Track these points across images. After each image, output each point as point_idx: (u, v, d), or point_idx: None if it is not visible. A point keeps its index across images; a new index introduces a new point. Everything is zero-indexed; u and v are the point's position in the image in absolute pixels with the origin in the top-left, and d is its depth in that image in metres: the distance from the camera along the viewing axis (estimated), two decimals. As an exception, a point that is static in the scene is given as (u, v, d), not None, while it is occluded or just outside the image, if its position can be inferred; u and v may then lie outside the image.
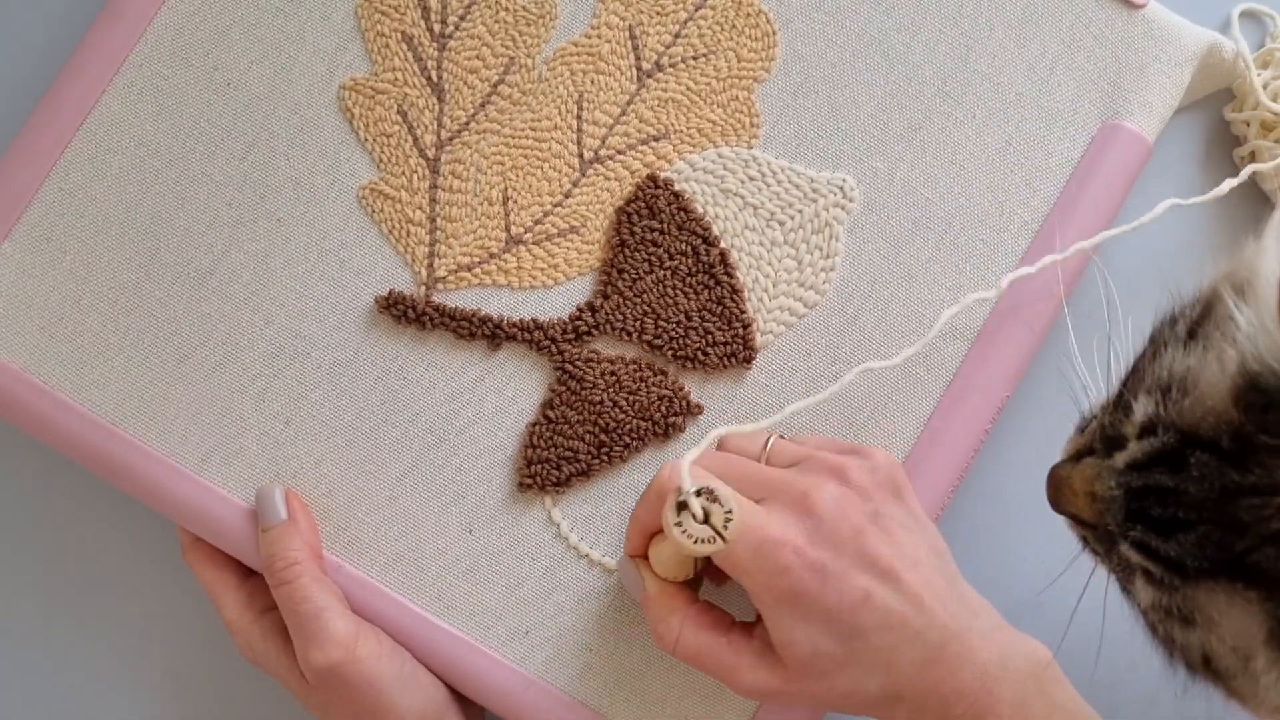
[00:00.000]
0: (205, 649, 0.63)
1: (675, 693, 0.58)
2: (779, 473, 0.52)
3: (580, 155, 0.60)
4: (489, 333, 0.59)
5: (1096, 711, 0.52)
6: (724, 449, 0.56)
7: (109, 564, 0.64)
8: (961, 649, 0.50)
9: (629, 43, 0.61)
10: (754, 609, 0.52)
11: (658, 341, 0.59)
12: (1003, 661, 0.50)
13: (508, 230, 0.60)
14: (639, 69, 0.60)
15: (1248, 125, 0.63)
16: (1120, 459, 0.48)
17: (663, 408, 0.59)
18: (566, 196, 0.60)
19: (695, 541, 0.49)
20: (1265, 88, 0.62)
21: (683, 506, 0.49)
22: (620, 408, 0.59)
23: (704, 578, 0.56)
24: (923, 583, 0.50)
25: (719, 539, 0.49)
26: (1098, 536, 0.50)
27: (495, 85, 0.60)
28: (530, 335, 0.59)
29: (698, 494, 0.49)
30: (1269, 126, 0.62)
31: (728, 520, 0.49)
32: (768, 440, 0.55)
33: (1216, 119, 0.65)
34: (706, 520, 0.49)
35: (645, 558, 0.54)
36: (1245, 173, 0.59)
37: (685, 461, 0.50)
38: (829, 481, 0.51)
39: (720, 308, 0.59)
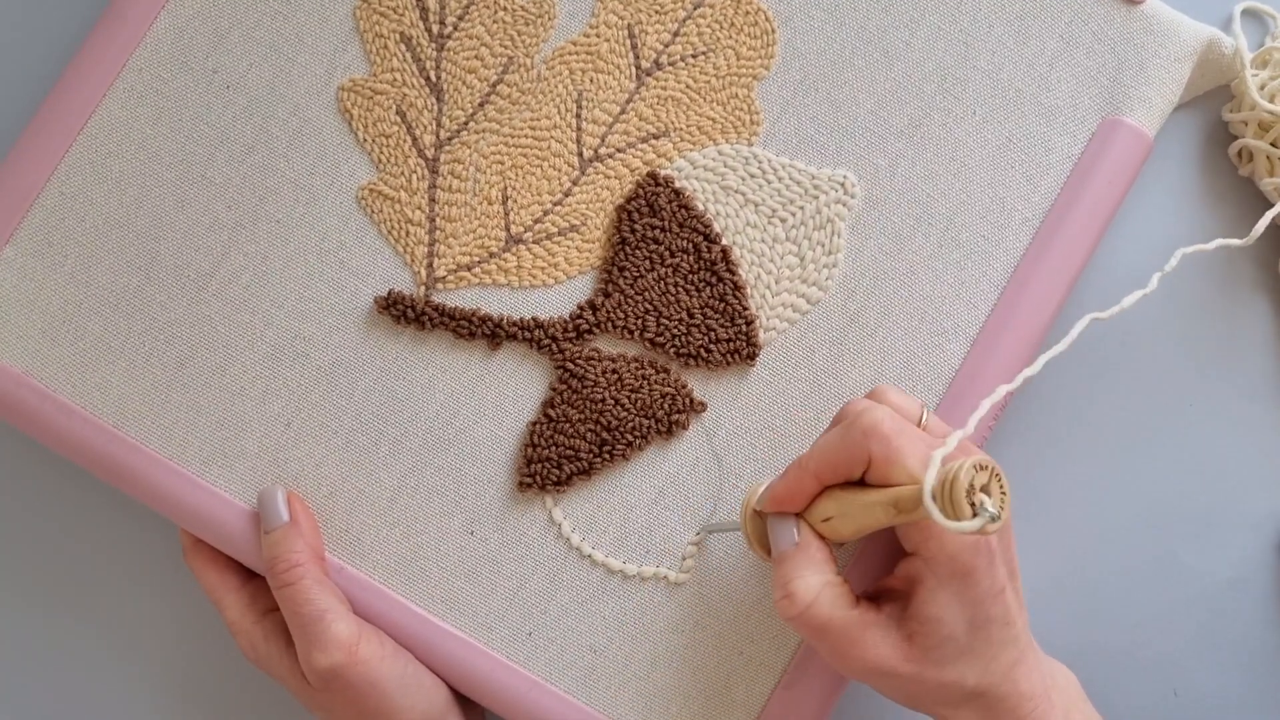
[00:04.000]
0: (207, 651, 0.63)
1: (679, 694, 0.58)
2: (942, 442, 0.50)
3: (580, 154, 0.60)
4: (489, 332, 0.59)
5: None
6: (881, 399, 0.53)
7: (111, 567, 0.64)
8: (1034, 655, 0.52)
9: (628, 41, 0.61)
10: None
11: (660, 339, 0.59)
12: (1053, 673, 0.53)
13: (507, 229, 0.60)
14: (638, 67, 0.60)
15: (1245, 125, 0.63)
16: None
17: (665, 405, 0.58)
18: (566, 195, 0.60)
19: (986, 521, 0.45)
20: (1263, 88, 0.62)
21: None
22: (622, 406, 0.58)
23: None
24: (1020, 588, 0.52)
25: (996, 520, 0.46)
26: None
27: (494, 85, 0.60)
28: (531, 334, 0.59)
29: (981, 467, 0.46)
30: (1265, 126, 0.62)
31: (1003, 499, 0.46)
32: (923, 410, 0.53)
33: (1215, 117, 0.64)
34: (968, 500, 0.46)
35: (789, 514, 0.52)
36: (1263, 222, 0.58)
37: (953, 437, 0.47)
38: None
39: (722, 305, 0.59)
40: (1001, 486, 0.47)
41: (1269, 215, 0.57)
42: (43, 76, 0.65)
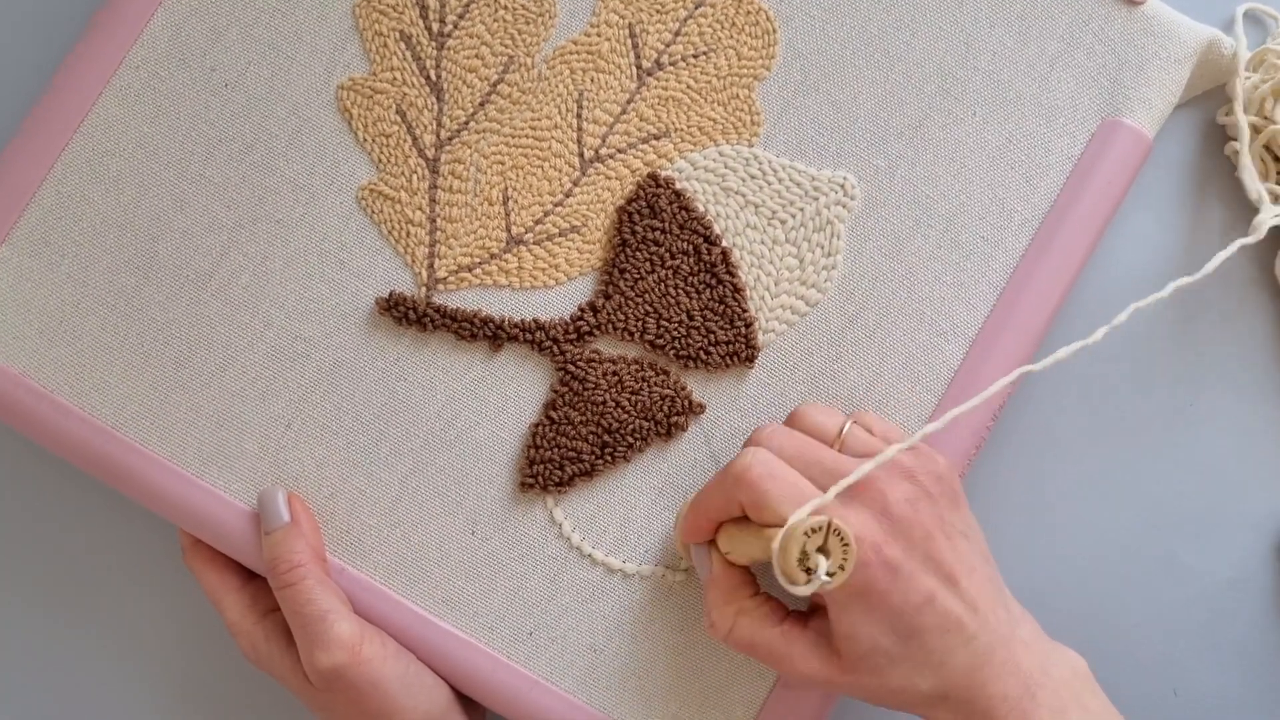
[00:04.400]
0: (207, 651, 0.63)
1: (680, 694, 0.58)
2: (853, 464, 0.52)
3: (581, 154, 0.60)
4: (490, 333, 0.59)
5: None
6: (796, 426, 0.55)
7: (110, 568, 0.64)
8: (1007, 655, 0.51)
9: (629, 41, 0.60)
10: (804, 601, 0.53)
11: (660, 341, 0.59)
12: (1044, 669, 0.51)
13: (508, 230, 0.60)
14: (639, 67, 0.60)
15: (1236, 127, 0.62)
16: None
17: (665, 407, 0.58)
18: (567, 196, 0.60)
19: (802, 574, 0.48)
20: (1255, 90, 0.62)
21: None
22: (623, 407, 0.58)
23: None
24: (977, 589, 0.51)
25: (832, 578, 0.48)
26: None
27: (494, 84, 0.60)
28: (532, 335, 0.59)
29: (813, 531, 0.48)
30: (1258, 129, 0.62)
31: (845, 558, 0.48)
32: (843, 426, 0.55)
33: (1214, 117, 0.64)
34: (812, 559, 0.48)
35: (710, 542, 0.54)
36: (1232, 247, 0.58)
37: (804, 510, 0.49)
38: (902, 482, 0.51)
39: (722, 307, 0.59)
40: (843, 541, 0.48)
41: (1222, 255, 0.57)
42: (39, 74, 0.64)
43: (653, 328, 0.59)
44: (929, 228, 0.59)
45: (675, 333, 0.59)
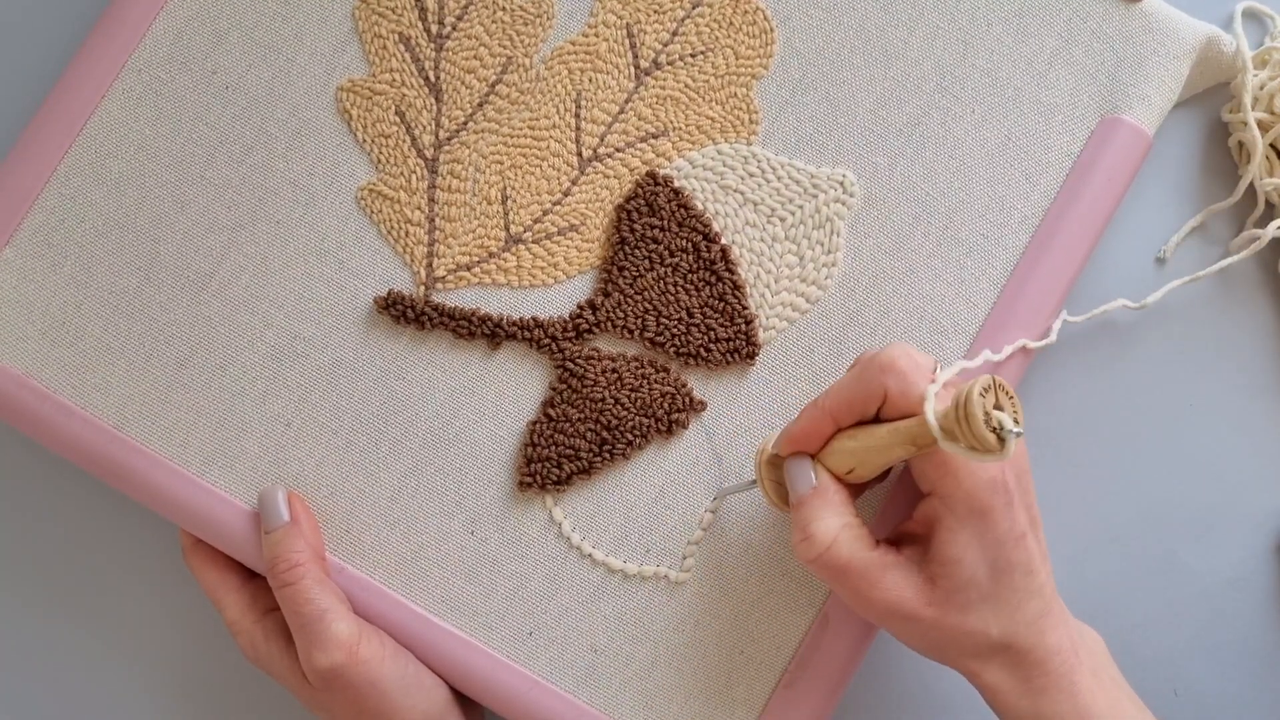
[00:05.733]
0: (207, 651, 0.63)
1: (680, 693, 0.58)
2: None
3: (579, 153, 0.60)
4: (489, 332, 0.59)
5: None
6: (890, 364, 0.52)
7: (111, 567, 0.64)
8: (1060, 611, 0.52)
9: (626, 41, 0.61)
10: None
11: (659, 339, 0.59)
12: (1081, 630, 0.53)
13: (507, 229, 0.60)
14: (637, 67, 0.60)
15: (1245, 125, 0.62)
16: None
17: (666, 404, 0.58)
18: (565, 195, 0.60)
19: (992, 437, 0.45)
20: (1262, 88, 0.62)
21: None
22: (622, 405, 0.58)
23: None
24: (1043, 542, 0.52)
25: (1010, 440, 0.45)
26: None
27: (493, 85, 0.60)
28: (530, 334, 0.59)
29: (985, 390, 0.46)
30: (1265, 126, 0.62)
31: (1017, 412, 0.46)
32: (936, 366, 0.53)
33: (1215, 115, 0.64)
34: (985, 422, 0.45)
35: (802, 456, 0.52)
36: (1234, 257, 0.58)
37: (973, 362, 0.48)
38: None
39: (722, 304, 0.59)
40: (1013, 401, 0.46)
41: (1163, 290, 0.57)
42: (42, 77, 0.65)
43: (652, 325, 0.59)
44: (929, 225, 0.59)
45: (675, 330, 0.59)
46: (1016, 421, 0.46)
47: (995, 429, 0.45)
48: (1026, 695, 0.51)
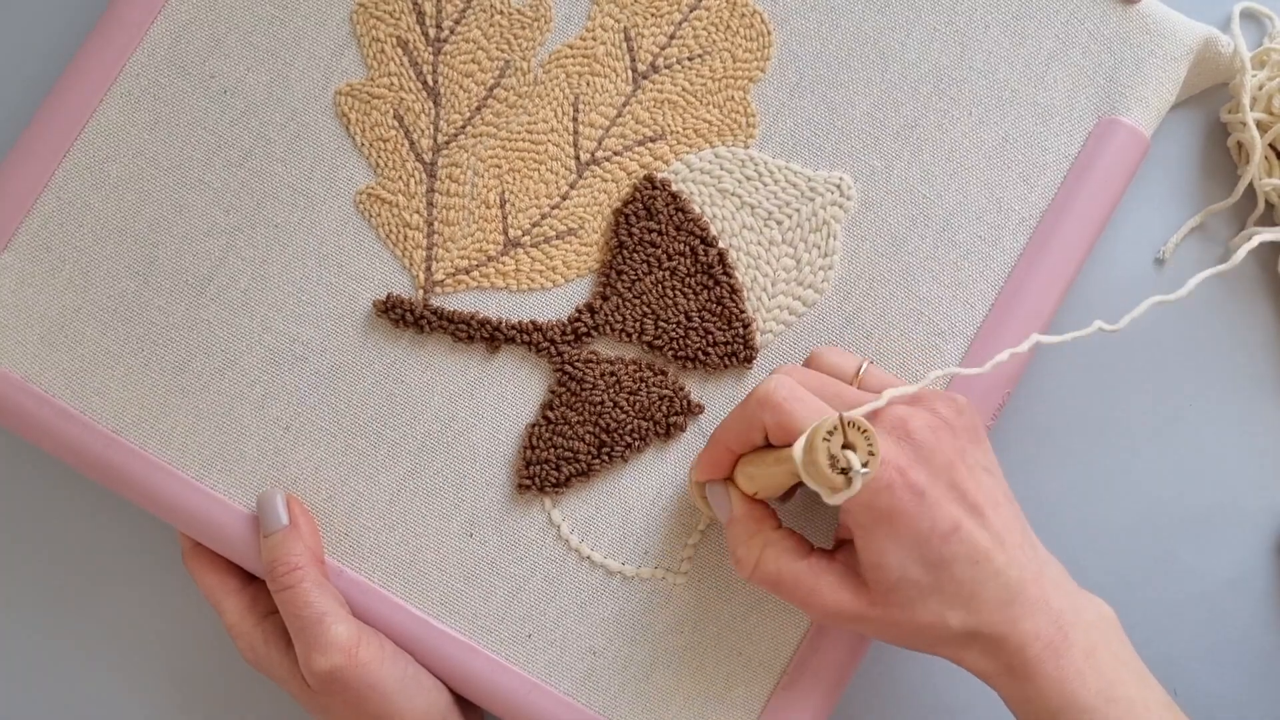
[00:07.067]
0: (207, 654, 0.63)
1: (679, 695, 0.58)
2: (871, 398, 0.52)
3: (577, 157, 0.60)
4: (487, 335, 0.59)
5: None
6: (815, 366, 0.56)
7: (110, 571, 0.64)
8: (1038, 592, 0.50)
9: (624, 45, 0.61)
10: (832, 536, 0.53)
11: (658, 342, 0.59)
12: (1075, 609, 0.51)
13: (505, 233, 0.60)
14: (634, 70, 0.60)
15: (1244, 125, 0.62)
16: None
17: (664, 407, 0.59)
18: (564, 199, 0.60)
19: (839, 478, 0.46)
20: (1261, 88, 0.62)
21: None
22: (620, 408, 0.58)
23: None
24: (1003, 523, 0.51)
25: (867, 468, 0.46)
26: None
27: (491, 89, 0.60)
28: (529, 337, 0.59)
29: (831, 432, 0.46)
30: (1264, 127, 0.62)
31: (871, 448, 0.46)
32: (860, 366, 0.55)
33: (1213, 115, 0.64)
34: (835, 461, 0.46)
35: (727, 479, 0.54)
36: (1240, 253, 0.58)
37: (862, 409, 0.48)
38: (923, 412, 0.51)
39: (720, 307, 0.59)
40: (862, 431, 0.46)
41: (1140, 308, 0.56)
42: (40, 81, 0.65)
43: (650, 329, 0.59)
44: (926, 227, 0.59)
45: (673, 333, 0.59)
46: (870, 454, 0.46)
47: (844, 470, 0.46)
48: (1011, 680, 0.50)
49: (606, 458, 0.58)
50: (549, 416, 0.59)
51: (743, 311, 0.59)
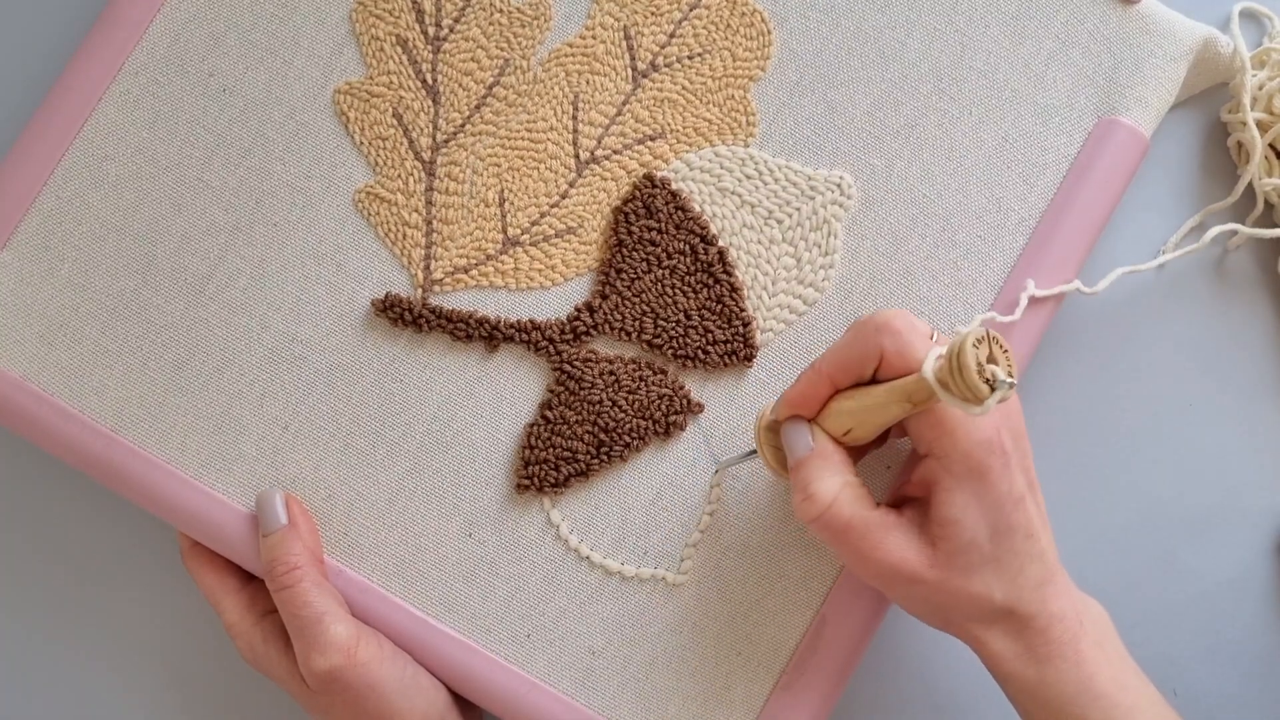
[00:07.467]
0: (206, 653, 0.63)
1: (678, 695, 0.58)
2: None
3: (576, 156, 0.60)
4: (486, 334, 0.59)
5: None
6: (886, 324, 0.52)
7: (109, 570, 0.64)
8: (1063, 579, 0.52)
9: (624, 43, 0.60)
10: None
11: (657, 341, 0.59)
12: (1085, 601, 0.52)
13: (504, 232, 0.60)
14: (634, 69, 0.60)
15: (1244, 125, 0.62)
16: None
17: (663, 406, 0.58)
18: (563, 197, 0.60)
19: (985, 387, 0.45)
20: (1261, 88, 0.62)
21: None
22: (620, 407, 0.58)
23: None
24: (1042, 506, 0.52)
25: (1002, 389, 0.45)
26: None
27: (490, 87, 0.60)
28: (528, 336, 0.59)
29: (978, 341, 0.46)
30: (1264, 127, 0.62)
31: (1010, 365, 0.46)
32: (934, 333, 0.53)
33: (1212, 116, 0.64)
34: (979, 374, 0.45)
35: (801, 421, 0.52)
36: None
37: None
38: None
39: (720, 306, 0.59)
40: (1007, 355, 0.46)
41: (1110, 276, 0.57)
42: (39, 80, 0.65)
43: (650, 327, 0.59)
44: (926, 227, 0.59)
45: (673, 332, 0.59)
46: (1010, 374, 0.46)
47: (988, 380, 0.45)
48: (1031, 663, 0.51)
49: (605, 457, 0.58)
50: (548, 416, 0.58)
51: (743, 310, 0.59)
